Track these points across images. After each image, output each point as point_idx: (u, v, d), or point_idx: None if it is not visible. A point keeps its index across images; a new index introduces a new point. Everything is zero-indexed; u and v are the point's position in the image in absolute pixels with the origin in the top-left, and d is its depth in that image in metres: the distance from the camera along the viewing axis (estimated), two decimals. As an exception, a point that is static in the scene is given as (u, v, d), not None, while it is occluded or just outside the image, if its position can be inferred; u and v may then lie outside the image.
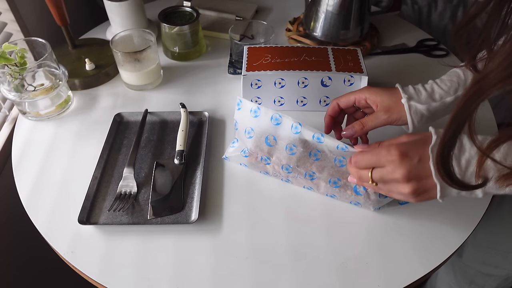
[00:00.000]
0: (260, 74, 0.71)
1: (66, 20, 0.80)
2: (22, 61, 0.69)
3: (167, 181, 0.63)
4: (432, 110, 0.57)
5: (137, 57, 0.77)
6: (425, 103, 0.56)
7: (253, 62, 0.73)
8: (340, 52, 0.76)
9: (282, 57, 0.73)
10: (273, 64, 0.72)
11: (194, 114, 0.75)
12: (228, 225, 0.59)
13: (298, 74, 0.71)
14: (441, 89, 0.57)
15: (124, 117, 0.75)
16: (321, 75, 0.71)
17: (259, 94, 0.74)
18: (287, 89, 0.73)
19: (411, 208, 0.60)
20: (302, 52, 0.75)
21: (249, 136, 0.61)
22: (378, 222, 0.59)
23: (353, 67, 0.72)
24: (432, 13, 1.34)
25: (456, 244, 0.57)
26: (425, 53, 0.90)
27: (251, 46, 0.76)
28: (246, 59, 0.74)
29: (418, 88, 0.58)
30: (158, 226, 0.59)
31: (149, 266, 0.55)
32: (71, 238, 0.58)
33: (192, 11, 0.86)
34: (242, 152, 0.63)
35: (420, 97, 0.57)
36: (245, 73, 0.71)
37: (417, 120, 0.57)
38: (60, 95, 0.76)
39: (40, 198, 0.63)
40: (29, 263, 0.91)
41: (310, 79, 0.72)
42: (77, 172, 0.66)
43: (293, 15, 0.97)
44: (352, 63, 0.73)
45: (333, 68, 0.72)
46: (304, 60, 0.73)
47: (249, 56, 0.74)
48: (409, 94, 0.57)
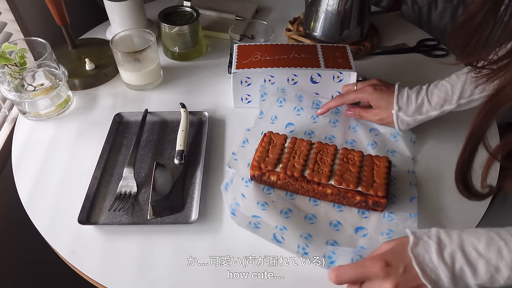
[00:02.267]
0: (249, 72, 0.71)
1: (66, 20, 0.80)
2: (22, 61, 0.69)
3: (167, 181, 0.63)
4: (418, 121, 0.65)
5: (137, 57, 0.77)
6: (412, 116, 0.65)
7: (243, 59, 0.73)
8: (329, 49, 0.76)
9: (272, 54, 0.74)
10: (262, 61, 0.72)
11: (194, 114, 0.75)
12: (228, 225, 0.59)
13: (287, 71, 0.71)
14: (429, 104, 0.64)
15: (124, 117, 0.75)
16: (310, 72, 0.71)
17: (249, 92, 0.74)
18: (277, 86, 0.73)
19: (411, 208, 0.60)
20: (291, 49, 0.75)
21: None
22: (378, 222, 0.59)
23: (342, 63, 0.72)
24: (432, 13, 1.34)
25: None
26: (425, 53, 0.90)
27: (241, 44, 0.77)
28: (236, 57, 0.74)
29: (411, 98, 0.65)
30: (158, 226, 0.59)
31: (149, 266, 0.55)
32: (71, 238, 0.58)
33: (192, 11, 0.86)
34: (243, 180, 0.62)
35: (408, 110, 0.64)
36: (235, 71, 0.71)
37: (403, 127, 0.67)
38: (60, 95, 0.76)
39: (40, 198, 0.63)
40: (29, 263, 0.91)
41: (299, 76, 0.72)
42: (77, 172, 0.66)
43: (293, 15, 0.97)
44: (341, 59, 0.73)
45: (322, 64, 0.72)
46: (294, 57, 0.73)
47: (239, 54, 0.74)
48: (400, 106, 0.65)
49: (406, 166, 0.66)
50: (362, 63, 0.88)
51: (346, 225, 0.58)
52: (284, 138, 0.62)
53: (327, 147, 0.61)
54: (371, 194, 0.56)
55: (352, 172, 0.57)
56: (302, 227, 0.57)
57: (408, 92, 0.65)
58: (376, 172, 0.58)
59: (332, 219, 0.59)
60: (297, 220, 0.58)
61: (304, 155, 0.59)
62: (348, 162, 0.59)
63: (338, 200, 0.59)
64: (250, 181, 0.62)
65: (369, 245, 0.54)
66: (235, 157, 0.66)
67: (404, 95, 0.65)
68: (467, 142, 0.39)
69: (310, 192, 0.59)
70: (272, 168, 0.58)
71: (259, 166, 0.59)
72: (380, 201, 0.56)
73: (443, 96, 0.63)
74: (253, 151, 0.65)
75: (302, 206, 0.60)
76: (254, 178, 0.61)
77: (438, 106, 0.63)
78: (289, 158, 0.59)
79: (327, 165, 0.58)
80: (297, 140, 0.61)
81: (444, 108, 0.63)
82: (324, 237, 0.56)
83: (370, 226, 0.58)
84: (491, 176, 0.40)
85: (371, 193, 0.56)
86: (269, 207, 0.58)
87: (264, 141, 0.62)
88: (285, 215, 0.58)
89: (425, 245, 0.44)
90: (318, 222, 0.58)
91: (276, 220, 0.57)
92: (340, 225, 0.58)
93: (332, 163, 0.58)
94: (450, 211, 0.60)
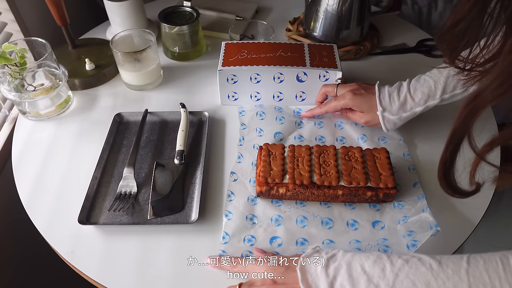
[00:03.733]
0: (235, 69, 0.71)
1: (66, 20, 0.80)
2: (22, 61, 0.69)
3: (167, 181, 0.63)
4: (403, 118, 0.65)
5: (137, 57, 0.77)
6: (397, 114, 0.65)
7: (229, 57, 0.73)
8: (316, 48, 0.76)
9: (258, 52, 0.74)
10: (248, 59, 0.73)
11: (194, 114, 0.75)
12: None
13: (273, 69, 0.71)
14: (412, 100, 0.64)
15: (124, 117, 0.75)
16: (296, 70, 0.71)
17: (235, 89, 0.75)
18: (263, 84, 0.73)
19: (411, 208, 0.60)
20: (278, 48, 0.75)
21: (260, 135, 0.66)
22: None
23: (328, 62, 0.73)
24: (432, 13, 1.34)
25: (456, 244, 0.57)
26: (425, 53, 0.90)
27: (228, 42, 0.77)
28: (222, 54, 0.74)
29: (393, 96, 0.65)
30: (158, 226, 0.59)
31: (149, 266, 0.55)
32: (71, 238, 0.58)
33: (192, 11, 0.86)
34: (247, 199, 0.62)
35: (392, 109, 0.65)
36: (221, 68, 0.71)
37: (390, 127, 0.67)
38: (60, 95, 0.76)
39: (40, 198, 0.63)
40: (29, 263, 0.91)
41: (285, 74, 0.72)
42: (77, 172, 0.66)
43: (293, 15, 0.97)
44: (327, 58, 0.73)
45: (307, 63, 0.72)
46: (280, 55, 0.73)
47: (226, 51, 0.75)
48: (384, 106, 0.65)
49: (400, 150, 0.68)
50: (362, 63, 0.88)
51: (362, 222, 0.58)
52: (282, 147, 0.61)
53: (326, 148, 0.61)
54: (381, 187, 0.57)
55: (357, 169, 0.58)
56: (322, 234, 0.57)
57: (389, 90, 0.66)
58: (380, 165, 0.59)
59: (347, 219, 0.59)
60: (315, 227, 0.58)
61: (307, 161, 0.59)
62: (351, 159, 0.59)
63: (349, 199, 0.60)
64: (256, 198, 0.61)
65: (390, 235, 0.57)
66: (235, 176, 0.64)
67: (386, 94, 0.65)
68: (449, 142, 0.40)
69: (321, 197, 0.59)
70: (279, 181, 0.57)
71: (265, 181, 0.58)
72: (390, 192, 0.58)
73: (426, 92, 0.63)
74: (250, 166, 0.65)
75: (315, 211, 0.60)
76: (261, 194, 0.60)
77: (422, 102, 0.64)
78: (293, 167, 0.58)
79: (332, 167, 0.58)
80: (295, 147, 0.61)
81: (428, 104, 0.64)
82: (346, 238, 0.57)
83: (385, 217, 0.59)
84: (479, 174, 0.41)
85: (381, 186, 0.57)
86: (284, 220, 0.58)
87: (262, 154, 0.61)
88: (301, 224, 0.58)
89: (316, 258, 0.47)
90: (336, 225, 0.58)
91: (294, 234, 0.57)
92: (357, 224, 0.58)
93: (336, 164, 0.59)
94: (450, 211, 0.60)
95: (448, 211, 0.60)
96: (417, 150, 0.69)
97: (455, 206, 0.61)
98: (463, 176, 0.43)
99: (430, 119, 0.71)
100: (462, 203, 0.61)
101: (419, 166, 0.66)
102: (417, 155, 0.68)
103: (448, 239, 0.57)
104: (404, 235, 0.56)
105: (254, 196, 0.61)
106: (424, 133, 0.71)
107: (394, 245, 0.55)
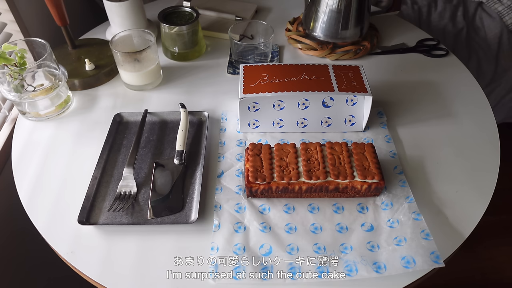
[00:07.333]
0: (257, 97, 0.66)
1: (66, 20, 0.80)
2: (21, 61, 0.69)
3: (167, 181, 0.63)
4: None
5: (137, 57, 0.77)
6: None
7: (250, 83, 0.68)
8: (341, 69, 0.71)
9: (281, 76, 0.69)
10: (271, 84, 0.68)
11: (194, 114, 0.75)
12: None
13: (298, 95, 0.67)
14: None
15: (123, 117, 0.75)
16: (323, 95, 0.67)
17: (257, 117, 0.70)
18: (287, 111, 0.69)
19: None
20: (301, 70, 0.70)
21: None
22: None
23: (356, 86, 0.68)
24: (432, 13, 1.34)
25: (456, 244, 0.57)
26: (425, 53, 0.90)
27: (247, 65, 0.72)
28: (242, 79, 0.69)
29: None
30: (158, 226, 0.59)
31: (149, 266, 0.55)
32: (71, 238, 0.58)
33: (191, 11, 0.86)
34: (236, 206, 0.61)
35: None
36: (242, 96, 0.66)
37: None
38: (60, 95, 0.76)
39: (40, 198, 0.63)
40: (29, 263, 0.91)
41: (311, 100, 0.68)
42: (77, 172, 0.66)
43: (293, 15, 0.97)
44: (355, 81, 0.69)
45: (335, 88, 0.67)
46: (304, 79, 0.68)
47: (245, 75, 0.70)
48: None
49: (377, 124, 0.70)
50: (361, 63, 0.87)
51: (352, 226, 0.58)
52: (268, 147, 0.61)
53: (312, 145, 0.61)
54: (368, 181, 0.58)
55: (344, 165, 0.59)
56: (310, 240, 0.57)
57: None
58: (366, 158, 0.60)
59: (336, 222, 0.59)
60: (303, 235, 0.57)
61: (293, 158, 0.60)
62: (337, 154, 0.60)
63: (340, 195, 0.60)
64: (244, 209, 0.60)
65: (378, 234, 0.57)
66: (221, 186, 0.63)
67: None
68: None
69: (312, 193, 0.60)
70: (269, 180, 0.58)
71: (255, 181, 0.58)
72: (379, 184, 0.58)
73: None
74: (235, 175, 0.65)
75: (303, 217, 0.59)
76: (251, 194, 0.60)
77: None
78: (281, 165, 0.59)
79: (319, 163, 0.59)
80: (282, 146, 0.61)
81: None
82: (337, 241, 0.57)
83: (374, 218, 0.59)
84: None
85: (368, 179, 0.58)
86: (272, 227, 0.58)
87: (249, 154, 0.60)
88: (290, 232, 0.58)
89: None
90: (325, 231, 0.58)
91: (283, 242, 0.56)
92: (345, 229, 0.58)
93: (323, 160, 0.59)
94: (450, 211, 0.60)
95: (448, 210, 0.60)
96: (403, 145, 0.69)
97: (455, 205, 0.61)
98: None
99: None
100: (462, 204, 0.61)
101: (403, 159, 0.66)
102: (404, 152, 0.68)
103: (447, 239, 0.57)
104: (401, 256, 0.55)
105: (239, 207, 0.60)
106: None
107: (382, 241, 0.56)
